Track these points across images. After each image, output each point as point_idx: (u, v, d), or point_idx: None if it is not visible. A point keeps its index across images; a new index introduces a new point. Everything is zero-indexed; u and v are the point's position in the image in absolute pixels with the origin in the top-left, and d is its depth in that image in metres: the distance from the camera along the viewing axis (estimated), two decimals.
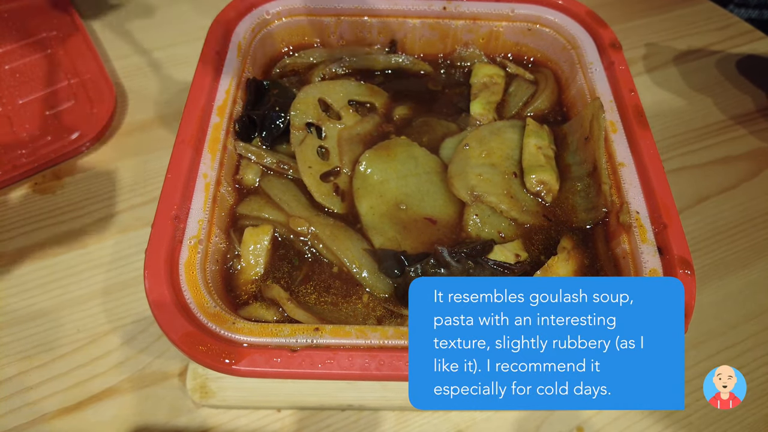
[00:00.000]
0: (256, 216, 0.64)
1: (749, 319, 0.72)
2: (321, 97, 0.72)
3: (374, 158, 0.68)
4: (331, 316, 0.59)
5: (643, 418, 0.64)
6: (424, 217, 0.65)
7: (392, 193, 0.66)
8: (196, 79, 0.67)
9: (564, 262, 0.61)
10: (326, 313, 0.59)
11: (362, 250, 0.61)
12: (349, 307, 0.60)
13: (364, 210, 0.65)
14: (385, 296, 0.60)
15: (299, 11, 0.80)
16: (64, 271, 0.71)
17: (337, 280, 0.61)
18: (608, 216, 0.64)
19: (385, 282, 0.60)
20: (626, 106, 0.68)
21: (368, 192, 0.66)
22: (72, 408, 0.62)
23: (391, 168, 0.68)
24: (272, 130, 0.69)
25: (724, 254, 0.77)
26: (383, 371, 0.49)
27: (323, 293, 0.61)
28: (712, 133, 0.91)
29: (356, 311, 0.60)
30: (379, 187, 0.66)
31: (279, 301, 0.58)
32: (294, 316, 0.57)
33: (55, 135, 0.80)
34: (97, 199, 0.78)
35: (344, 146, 0.70)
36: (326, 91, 0.73)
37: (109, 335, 0.67)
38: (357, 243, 0.62)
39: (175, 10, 1.02)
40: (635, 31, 1.06)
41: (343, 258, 0.61)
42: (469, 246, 0.59)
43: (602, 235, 0.64)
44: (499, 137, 0.71)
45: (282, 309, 0.58)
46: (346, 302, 0.60)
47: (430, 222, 0.64)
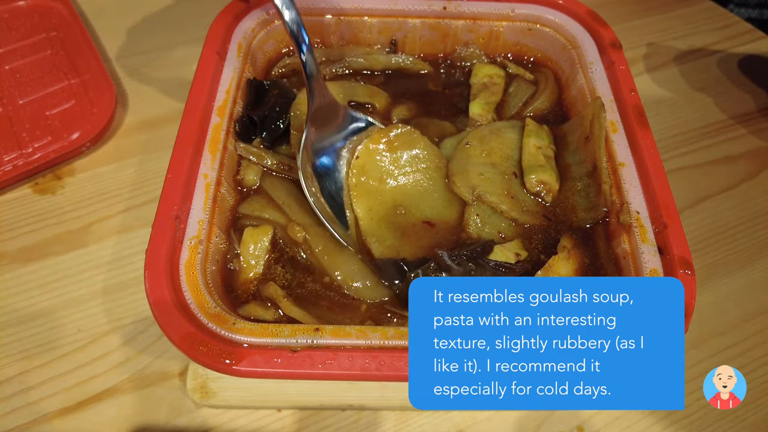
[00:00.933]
0: (257, 216, 0.64)
1: (750, 318, 0.72)
2: None
3: (372, 151, 0.67)
4: (327, 316, 0.59)
5: (644, 418, 0.64)
6: (422, 221, 0.65)
7: (390, 193, 0.66)
8: (197, 79, 0.67)
9: (565, 261, 0.61)
10: (323, 313, 0.59)
11: (355, 266, 0.61)
12: (345, 311, 0.60)
13: (362, 213, 0.65)
14: (384, 299, 0.60)
15: (299, 11, 0.79)
16: (65, 271, 0.71)
17: (331, 291, 0.61)
18: (608, 215, 0.64)
19: (381, 291, 0.60)
20: (627, 106, 0.68)
21: (366, 192, 0.66)
22: (72, 408, 0.62)
23: (390, 161, 0.67)
24: (272, 131, 0.69)
25: (725, 254, 0.77)
26: (384, 372, 0.49)
27: (319, 298, 0.61)
28: (712, 132, 0.91)
29: (353, 314, 0.60)
30: (377, 187, 0.66)
31: (275, 299, 0.58)
32: (290, 314, 0.57)
33: (56, 135, 0.80)
34: (97, 200, 0.78)
35: None
36: None
37: (110, 335, 0.67)
38: (349, 259, 0.62)
39: (176, 10, 1.02)
40: (636, 31, 1.06)
41: (335, 273, 0.61)
42: (470, 248, 0.59)
43: (603, 235, 0.64)
44: (499, 137, 0.71)
45: (279, 308, 0.58)
46: (340, 308, 0.60)
47: (428, 225, 0.64)
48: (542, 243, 0.64)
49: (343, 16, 0.80)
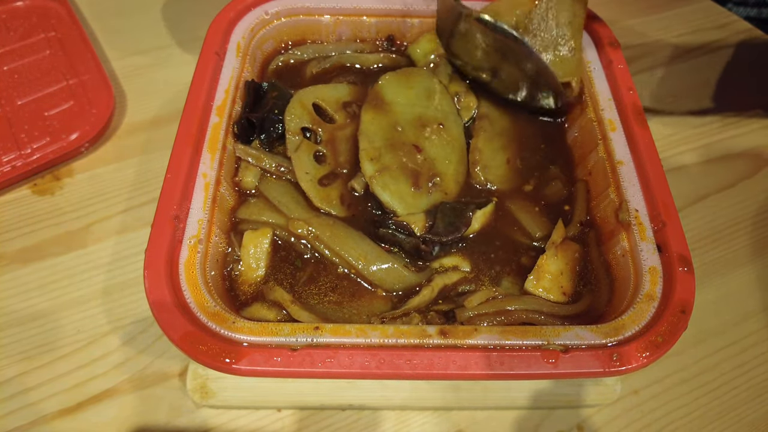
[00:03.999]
0: (256, 220, 0.64)
1: (749, 316, 0.72)
2: (315, 101, 0.72)
3: (393, 81, 0.73)
4: (335, 316, 0.59)
5: (643, 417, 0.64)
6: (413, 144, 0.68)
7: (395, 115, 0.70)
8: (196, 79, 0.67)
9: (553, 258, 0.61)
10: (330, 312, 0.59)
11: (367, 246, 0.62)
12: (353, 305, 0.60)
13: (367, 118, 0.69)
14: (399, 291, 0.61)
15: (298, 11, 0.80)
16: (64, 272, 0.71)
17: (345, 281, 0.61)
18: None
19: (396, 272, 0.61)
20: (625, 105, 0.68)
21: (375, 106, 0.70)
22: (72, 409, 0.62)
23: (404, 94, 0.72)
24: (271, 133, 0.69)
25: (724, 252, 0.78)
26: (383, 370, 0.49)
27: (329, 293, 0.61)
28: (711, 131, 0.91)
29: (360, 310, 0.60)
30: (386, 107, 0.70)
31: (283, 303, 0.58)
32: (299, 318, 0.57)
33: (54, 136, 0.80)
34: (96, 200, 0.78)
35: (339, 147, 0.70)
36: (319, 94, 0.72)
37: (109, 336, 0.67)
38: (359, 240, 0.62)
39: (174, 10, 1.02)
40: (634, 30, 1.06)
41: (348, 256, 0.61)
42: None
43: (594, 241, 0.64)
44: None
45: (285, 311, 0.58)
46: (350, 301, 0.60)
47: (415, 149, 0.68)
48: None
49: (341, 16, 0.80)
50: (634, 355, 0.50)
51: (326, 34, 0.82)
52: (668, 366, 0.68)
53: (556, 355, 0.50)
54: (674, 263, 0.55)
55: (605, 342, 0.51)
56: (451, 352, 0.50)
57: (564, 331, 0.52)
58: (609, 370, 0.50)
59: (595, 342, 0.51)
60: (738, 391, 0.67)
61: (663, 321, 0.52)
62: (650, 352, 0.50)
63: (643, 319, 0.53)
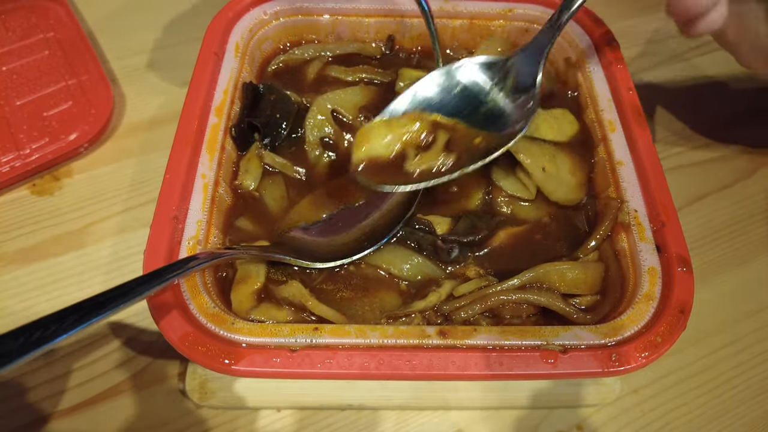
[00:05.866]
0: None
1: (748, 316, 0.72)
2: (333, 109, 0.71)
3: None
4: (348, 311, 0.58)
5: (642, 416, 0.65)
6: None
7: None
8: (194, 79, 0.67)
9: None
10: (344, 307, 0.58)
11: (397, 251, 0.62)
12: (365, 301, 0.59)
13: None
14: (414, 278, 0.60)
15: (297, 11, 0.80)
16: (63, 273, 0.71)
17: (356, 278, 0.60)
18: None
19: (409, 256, 0.61)
20: (624, 105, 0.68)
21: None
22: (72, 409, 0.62)
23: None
24: (275, 137, 0.69)
25: (723, 252, 0.78)
26: (382, 370, 0.49)
27: (343, 289, 0.60)
28: (709, 131, 0.91)
29: (373, 306, 0.59)
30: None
31: (300, 298, 0.56)
32: (318, 313, 0.56)
33: (53, 136, 0.80)
34: (95, 201, 0.78)
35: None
36: (338, 101, 0.72)
37: (109, 336, 0.67)
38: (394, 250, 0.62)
39: (173, 10, 1.02)
40: (633, 29, 1.06)
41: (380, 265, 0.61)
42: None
43: (612, 252, 0.62)
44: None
45: (296, 308, 0.57)
46: (363, 297, 0.59)
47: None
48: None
49: (340, 16, 0.80)
50: (633, 355, 0.50)
51: (325, 34, 0.82)
52: (667, 365, 0.68)
53: (555, 356, 0.50)
54: (673, 263, 0.56)
55: (604, 342, 0.51)
56: (450, 352, 0.50)
57: (563, 331, 0.52)
58: (608, 371, 0.50)
59: (594, 342, 0.51)
60: (737, 390, 0.67)
61: (662, 321, 0.52)
62: (649, 352, 0.50)
63: (642, 319, 0.53)
